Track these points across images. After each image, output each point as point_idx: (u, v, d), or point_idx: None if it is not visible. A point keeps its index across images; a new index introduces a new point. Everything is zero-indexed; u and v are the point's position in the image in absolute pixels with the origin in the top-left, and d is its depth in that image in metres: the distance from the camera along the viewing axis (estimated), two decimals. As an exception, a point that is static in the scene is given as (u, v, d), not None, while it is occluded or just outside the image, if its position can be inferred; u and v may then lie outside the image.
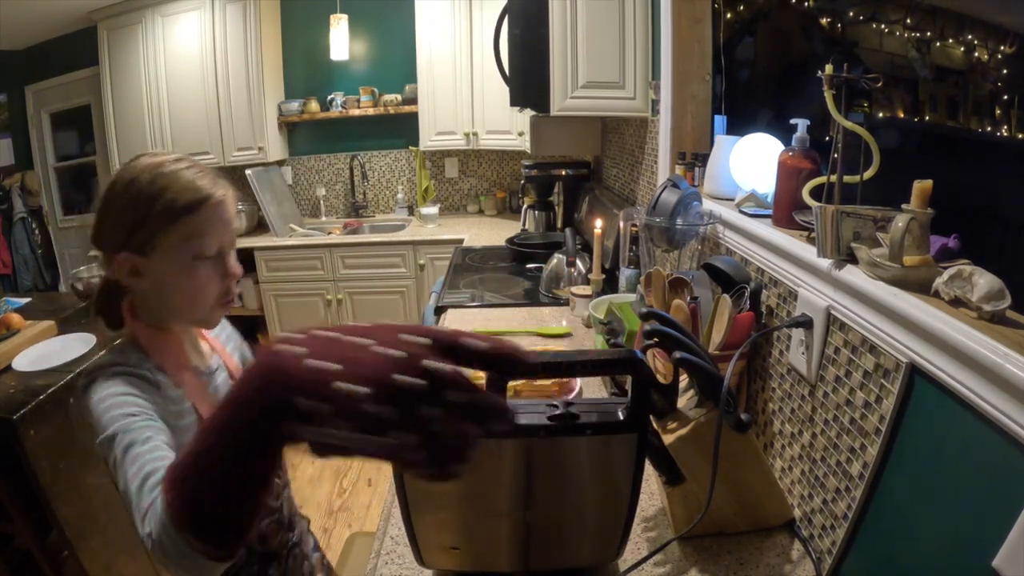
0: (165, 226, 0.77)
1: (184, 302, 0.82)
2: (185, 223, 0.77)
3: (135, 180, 0.77)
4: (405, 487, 0.73)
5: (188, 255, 0.79)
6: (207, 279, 0.81)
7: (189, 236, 0.78)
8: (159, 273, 0.79)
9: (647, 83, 1.91)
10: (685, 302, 1.01)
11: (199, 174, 0.80)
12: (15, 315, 1.73)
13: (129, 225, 0.77)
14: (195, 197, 0.78)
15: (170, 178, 0.78)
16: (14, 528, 1.54)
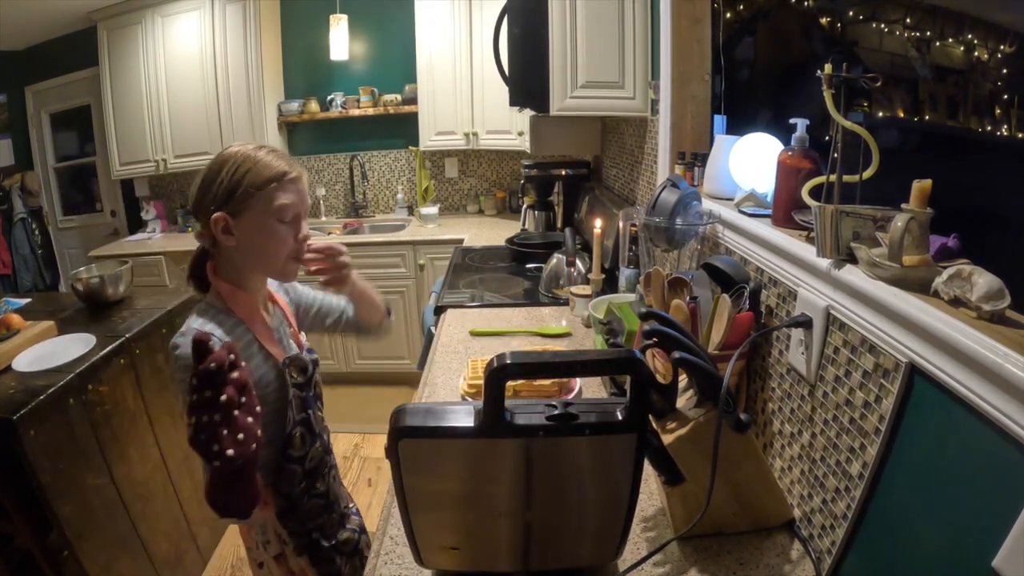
0: (253, 194, 0.95)
1: (263, 257, 1.00)
2: (267, 192, 0.96)
3: (230, 158, 0.97)
4: (404, 487, 0.73)
5: (269, 218, 0.97)
6: (283, 238, 0.99)
7: (270, 202, 0.96)
8: (246, 232, 0.97)
9: (647, 83, 1.91)
10: (684, 302, 1.01)
11: (278, 157, 0.99)
12: (15, 315, 1.73)
13: (225, 193, 0.95)
14: (275, 172, 0.97)
15: (256, 159, 0.97)
16: (14, 528, 1.54)
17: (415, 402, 0.82)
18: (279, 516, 1.08)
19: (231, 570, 2.16)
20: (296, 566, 1.13)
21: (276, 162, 0.98)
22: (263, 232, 0.97)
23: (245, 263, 1.01)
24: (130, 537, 1.75)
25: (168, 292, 2.21)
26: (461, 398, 1.33)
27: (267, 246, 0.98)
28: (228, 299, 1.00)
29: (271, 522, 1.10)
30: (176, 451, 2.02)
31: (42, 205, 4.03)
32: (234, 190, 0.95)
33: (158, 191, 3.96)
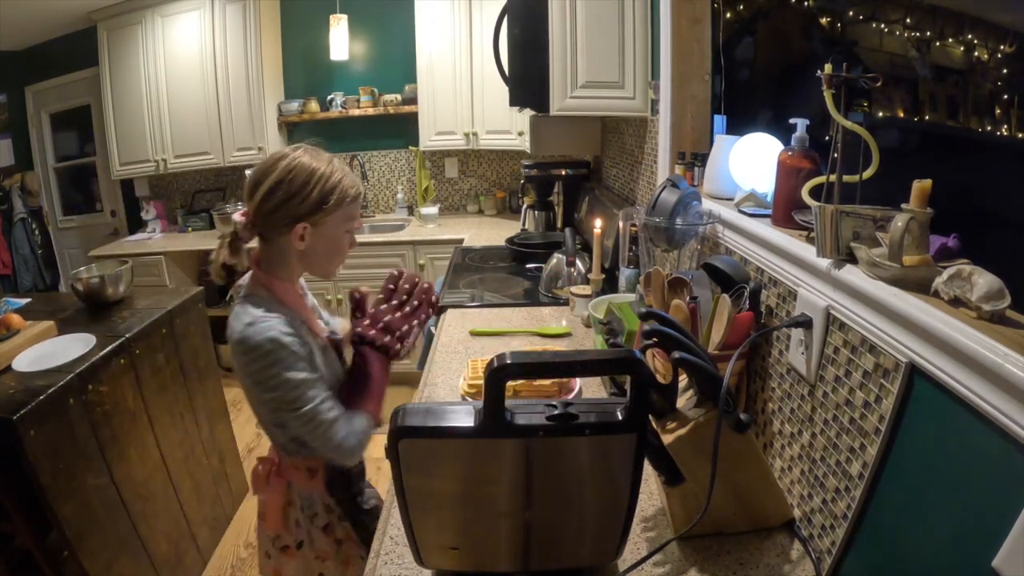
0: (339, 206, 1.04)
1: (327, 260, 1.10)
2: (347, 209, 1.06)
3: (316, 171, 1.02)
4: (404, 487, 0.73)
5: (342, 229, 1.08)
6: (346, 247, 1.11)
7: (347, 217, 1.07)
8: (320, 239, 1.05)
9: (647, 83, 1.91)
10: (684, 302, 1.01)
11: (348, 174, 1.08)
12: (15, 315, 1.73)
13: (318, 200, 1.02)
14: (356, 192, 1.08)
15: (339, 176, 1.05)
16: (14, 528, 1.54)
17: (415, 402, 0.82)
18: (327, 486, 1.17)
19: (231, 570, 2.16)
20: (342, 532, 1.19)
21: (352, 180, 1.08)
22: (335, 241, 1.08)
23: (303, 262, 1.09)
24: (130, 537, 1.75)
25: (168, 292, 2.21)
26: (461, 398, 1.33)
27: (334, 253, 1.10)
28: (278, 291, 1.07)
29: (318, 493, 1.17)
30: (176, 451, 2.02)
31: (42, 205, 4.03)
32: (324, 202, 1.03)
33: (158, 191, 3.96)
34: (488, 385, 0.66)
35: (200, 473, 2.18)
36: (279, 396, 0.99)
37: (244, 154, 3.48)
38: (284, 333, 0.98)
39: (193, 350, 2.16)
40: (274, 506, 1.17)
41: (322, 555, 1.20)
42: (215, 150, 3.51)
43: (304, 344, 1.02)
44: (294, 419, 1.00)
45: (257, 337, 0.97)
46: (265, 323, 0.98)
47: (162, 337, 1.97)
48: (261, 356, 0.97)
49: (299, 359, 0.99)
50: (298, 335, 1.01)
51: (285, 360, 0.98)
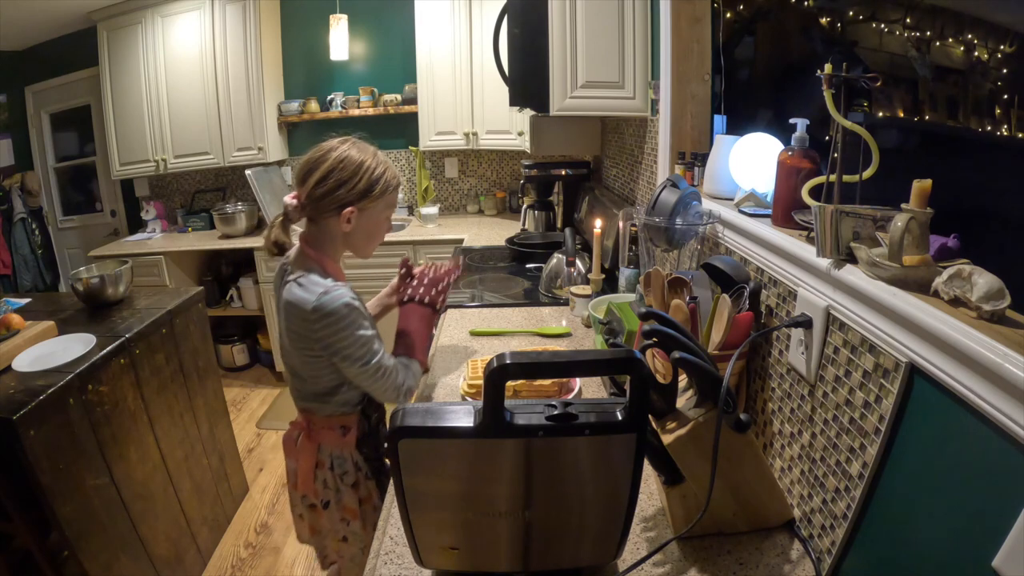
0: (383, 195, 1.18)
1: (367, 243, 1.24)
2: (389, 197, 1.20)
3: (364, 162, 1.15)
4: (404, 487, 0.73)
5: (384, 216, 1.22)
6: (384, 231, 1.25)
7: (388, 205, 1.21)
8: (364, 224, 1.19)
9: (647, 83, 1.91)
10: (684, 302, 1.01)
11: (389, 167, 1.20)
12: (15, 315, 1.73)
13: (364, 188, 1.15)
14: (397, 182, 1.21)
15: (383, 168, 1.18)
16: (14, 528, 1.54)
17: (415, 402, 0.83)
18: (358, 444, 1.27)
19: (231, 570, 2.16)
20: (366, 490, 1.30)
21: (393, 172, 1.21)
22: (377, 225, 1.22)
23: (347, 243, 1.22)
24: (130, 537, 1.75)
25: (168, 292, 2.21)
26: (461, 398, 1.33)
27: (375, 235, 1.23)
28: (329, 268, 1.19)
29: (349, 451, 1.27)
30: (176, 451, 2.03)
31: (42, 205, 4.03)
32: (370, 190, 1.16)
33: (158, 191, 3.96)
34: (488, 385, 0.66)
35: (200, 473, 2.18)
36: (352, 353, 1.13)
37: (244, 154, 3.48)
38: (353, 298, 1.14)
39: (193, 350, 2.16)
40: (306, 467, 1.27)
41: (349, 514, 1.30)
42: (215, 150, 3.51)
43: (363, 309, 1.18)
44: (363, 372, 1.14)
45: (334, 303, 1.10)
46: (338, 291, 1.12)
47: (162, 337, 1.97)
48: (339, 319, 1.10)
49: (365, 318, 1.15)
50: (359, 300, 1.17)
51: (357, 321, 1.13)
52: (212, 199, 3.87)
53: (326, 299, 1.10)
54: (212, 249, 3.46)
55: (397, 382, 1.19)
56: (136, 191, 3.97)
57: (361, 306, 1.16)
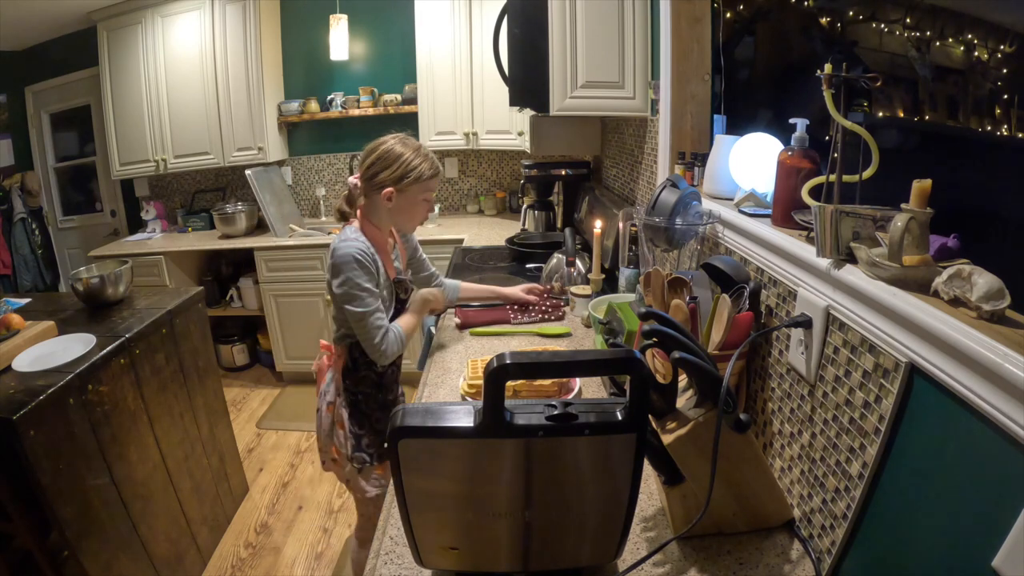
0: (417, 181, 1.42)
1: (406, 220, 1.51)
2: (425, 183, 1.44)
3: (405, 151, 1.42)
4: (404, 487, 0.73)
5: (420, 198, 1.46)
6: (421, 212, 1.50)
7: (424, 189, 1.46)
8: (402, 203, 1.44)
9: (647, 83, 1.91)
10: (684, 302, 1.01)
11: (430, 158, 1.45)
12: (15, 315, 1.73)
13: (400, 175, 1.41)
14: (435, 171, 1.46)
15: (424, 156, 1.44)
16: (14, 528, 1.54)
17: (415, 402, 0.83)
18: (343, 372, 1.51)
19: (231, 570, 2.16)
20: (338, 416, 1.51)
21: (433, 163, 1.45)
22: (413, 206, 1.46)
23: (389, 217, 1.47)
24: (130, 537, 1.75)
25: (168, 292, 2.21)
26: (461, 398, 1.33)
27: (412, 215, 1.49)
28: (366, 232, 1.45)
29: (336, 374, 1.50)
30: (176, 451, 2.03)
31: (42, 205, 4.03)
32: (406, 175, 1.41)
33: (158, 191, 3.96)
34: (488, 385, 0.66)
35: (200, 473, 2.18)
36: (346, 292, 1.36)
37: (244, 154, 3.48)
38: (362, 252, 1.36)
39: (193, 350, 2.16)
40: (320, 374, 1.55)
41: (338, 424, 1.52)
42: (215, 150, 3.51)
43: (375, 267, 1.40)
44: (351, 314, 1.37)
45: (343, 249, 1.36)
46: (351, 243, 1.37)
47: (162, 337, 1.97)
48: (344, 264, 1.36)
49: (368, 273, 1.37)
50: (372, 260, 1.39)
51: (356, 270, 1.35)
52: (212, 199, 3.87)
53: (341, 245, 1.38)
54: (212, 249, 3.46)
55: (374, 339, 1.38)
56: (136, 191, 3.97)
57: (370, 264, 1.37)
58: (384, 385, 1.57)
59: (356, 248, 1.37)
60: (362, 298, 1.36)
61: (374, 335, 1.38)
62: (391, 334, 1.41)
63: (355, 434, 1.52)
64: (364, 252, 1.37)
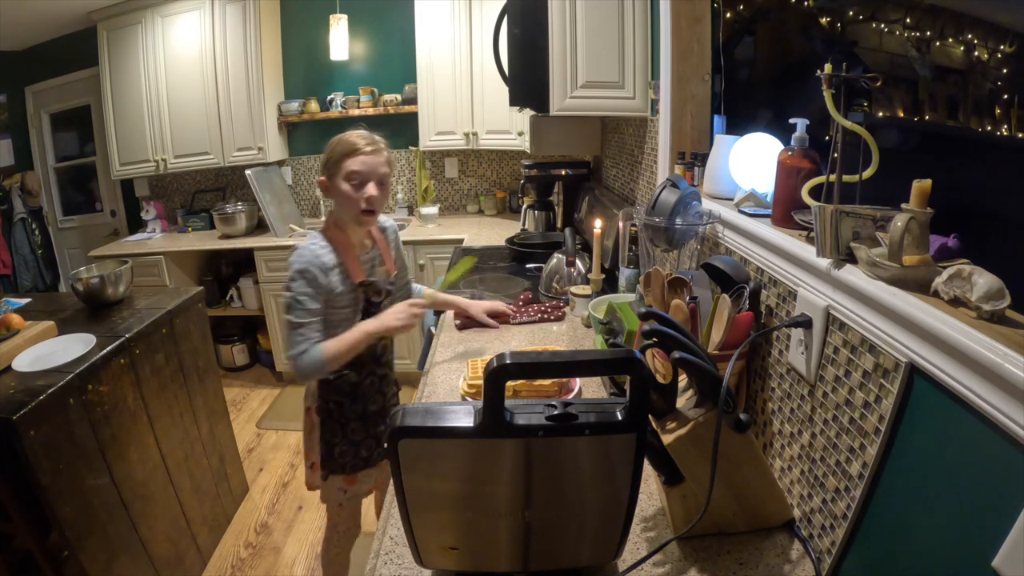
0: (336, 163, 1.36)
1: (344, 210, 1.39)
2: (345, 163, 1.35)
3: (333, 140, 1.38)
4: (404, 487, 0.73)
5: (345, 181, 1.36)
6: (354, 197, 1.36)
7: (347, 169, 1.35)
8: (332, 190, 1.39)
9: (646, 83, 1.91)
10: (684, 302, 1.01)
11: (359, 138, 1.37)
12: (15, 315, 1.73)
13: (326, 158, 1.38)
14: (349, 148, 1.35)
15: (344, 139, 1.37)
16: (14, 528, 1.54)
17: (415, 402, 0.83)
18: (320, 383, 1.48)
19: (231, 570, 2.16)
20: (310, 421, 1.51)
21: (356, 141, 1.36)
22: (341, 192, 1.36)
23: (338, 211, 1.42)
24: (130, 537, 1.75)
25: (168, 292, 2.21)
26: (461, 398, 1.33)
27: (345, 202, 1.37)
28: (329, 235, 1.41)
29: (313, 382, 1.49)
30: (176, 451, 2.03)
31: (42, 205, 4.03)
32: (327, 161, 1.38)
33: (158, 191, 3.96)
34: (488, 385, 0.66)
35: (200, 473, 2.18)
36: (286, 301, 1.34)
37: (244, 154, 3.48)
38: (310, 263, 1.32)
39: (193, 350, 2.16)
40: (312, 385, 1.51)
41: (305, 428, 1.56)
42: (215, 150, 3.51)
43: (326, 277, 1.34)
44: (285, 322, 1.34)
45: (293, 259, 1.34)
46: (303, 252, 1.34)
47: (162, 337, 1.97)
48: (290, 273, 1.34)
49: (313, 286, 1.32)
50: (324, 270, 1.34)
51: (298, 281, 1.32)
52: (212, 199, 3.87)
53: (294, 255, 1.35)
54: (212, 249, 3.46)
55: (293, 351, 1.33)
56: (136, 191, 3.97)
57: (319, 277, 1.33)
58: (361, 395, 1.52)
59: (305, 259, 1.33)
60: (296, 310, 1.32)
61: (293, 349, 1.32)
62: (307, 357, 1.32)
63: (327, 441, 1.49)
64: (313, 263, 1.33)
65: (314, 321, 1.34)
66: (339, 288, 1.38)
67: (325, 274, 1.34)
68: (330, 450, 1.50)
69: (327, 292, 1.35)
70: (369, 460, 1.56)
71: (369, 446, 1.55)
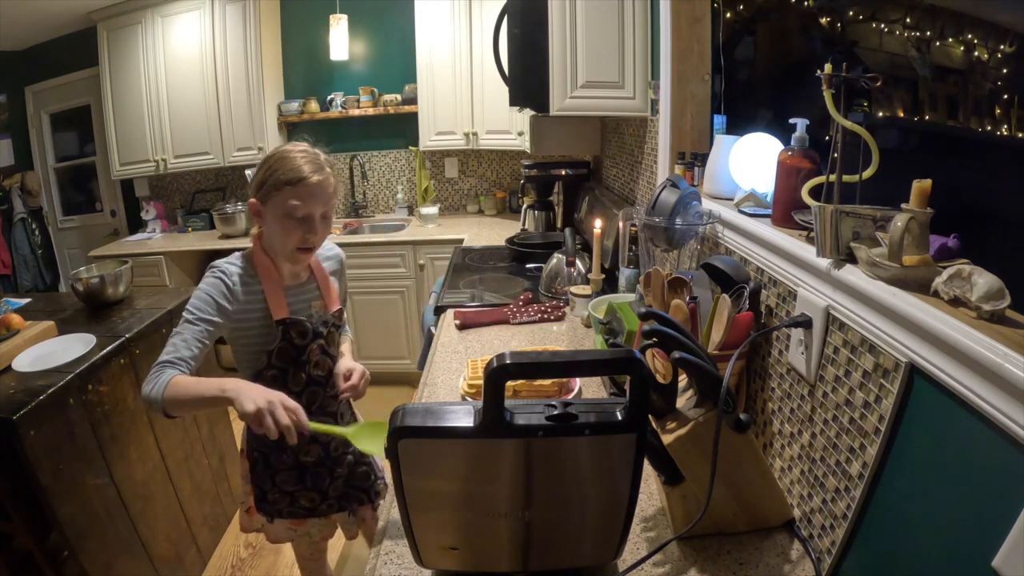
0: (274, 190, 1.13)
1: (277, 242, 1.18)
2: (285, 191, 1.12)
3: (273, 154, 1.16)
4: (404, 487, 0.73)
5: (282, 213, 1.14)
6: (291, 231, 1.15)
7: (286, 200, 1.13)
8: (268, 219, 1.16)
9: (646, 83, 1.91)
10: (684, 302, 1.01)
11: (305, 161, 1.14)
12: (15, 315, 1.73)
13: (258, 183, 1.15)
14: (292, 176, 1.12)
15: (287, 160, 1.13)
16: (14, 528, 1.54)
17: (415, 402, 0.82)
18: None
19: (231, 570, 2.16)
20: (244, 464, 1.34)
21: (302, 166, 1.13)
22: (276, 223, 1.15)
23: (268, 239, 1.20)
24: (130, 537, 1.75)
25: (168, 292, 2.21)
26: (461, 398, 1.33)
27: (278, 235, 1.16)
28: (252, 258, 1.21)
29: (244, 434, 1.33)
30: (176, 451, 2.02)
31: (42, 205, 4.03)
32: (263, 183, 1.14)
33: (158, 191, 3.96)
34: (488, 385, 0.66)
35: (200, 473, 2.18)
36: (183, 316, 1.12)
37: (244, 154, 3.48)
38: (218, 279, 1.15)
39: (193, 350, 2.16)
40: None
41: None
42: (215, 150, 3.51)
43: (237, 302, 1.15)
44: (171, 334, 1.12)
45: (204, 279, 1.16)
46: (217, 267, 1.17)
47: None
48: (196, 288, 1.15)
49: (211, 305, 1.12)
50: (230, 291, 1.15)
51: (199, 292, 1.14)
52: (212, 199, 3.87)
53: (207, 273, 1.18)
54: (212, 249, 3.46)
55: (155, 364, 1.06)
56: (136, 191, 3.96)
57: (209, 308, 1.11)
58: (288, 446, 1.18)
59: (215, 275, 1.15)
60: (182, 321, 1.11)
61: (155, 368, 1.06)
62: (155, 383, 1.03)
63: (259, 487, 1.31)
64: (222, 280, 1.14)
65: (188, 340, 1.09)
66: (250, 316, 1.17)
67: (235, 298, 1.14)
68: (263, 494, 1.32)
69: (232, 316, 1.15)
70: (314, 511, 1.35)
71: (311, 498, 1.33)
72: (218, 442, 2.33)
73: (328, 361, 1.29)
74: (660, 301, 1.12)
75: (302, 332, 1.21)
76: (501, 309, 1.84)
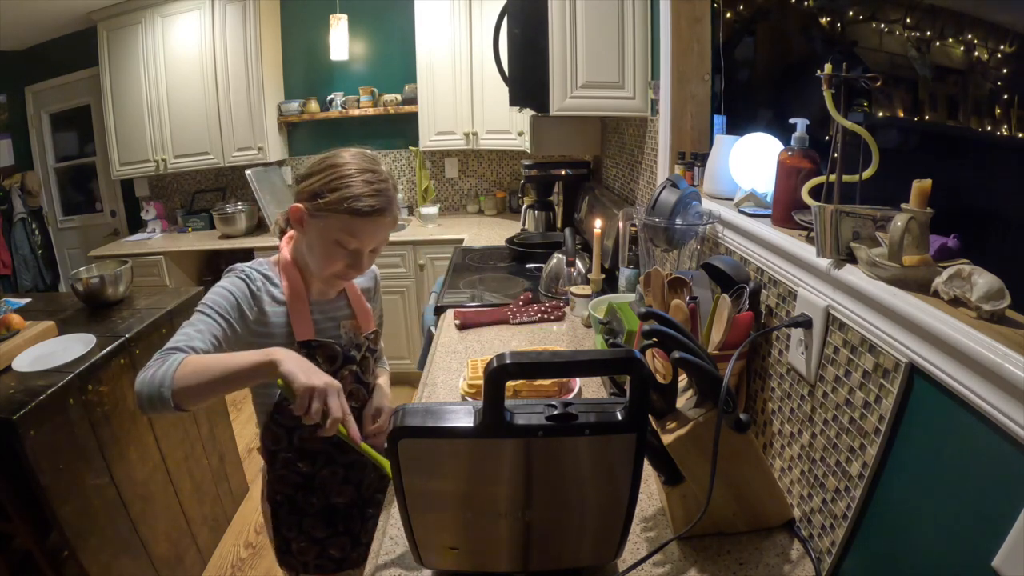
0: (332, 209, 0.97)
1: (313, 262, 1.04)
2: (342, 219, 0.98)
3: (336, 165, 1.00)
4: (404, 487, 0.73)
5: (331, 238, 0.99)
6: (334, 260, 1.01)
7: (341, 228, 0.98)
8: (311, 233, 1.01)
9: (646, 83, 1.91)
10: (684, 302, 1.01)
11: (374, 191, 0.98)
12: (15, 315, 1.73)
13: (316, 190, 0.98)
14: (362, 206, 0.97)
15: (359, 180, 0.98)
16: (14, 528, 1.54)
17: (415, 402, 0.83)
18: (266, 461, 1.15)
19: (231, 570, 2.16)
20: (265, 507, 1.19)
21: (369, 197, 0.97)
22: (322, 245, 1.01)
23: (303, 253, 1.06)
24: (130, 537, 1.75)
25: (168, 292, 2.21)
26: (461, 398, 1.33)
27: (320, 256, 1.02)
28: (282, 269, 1.07)
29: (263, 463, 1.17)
30: (176, 451, 2.02)
31: (42, 205, 4.02)
32: (319, 195, 0.98)
33: (158, 191, 3.96)
34: (488, 385, 0.66)
35: (200, 473, 2.18)
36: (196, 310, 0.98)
37: (244, 154, 3.48)
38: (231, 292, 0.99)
39: (193, 350, 2.16)
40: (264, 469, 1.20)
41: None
42: (215, 150, 3.51)
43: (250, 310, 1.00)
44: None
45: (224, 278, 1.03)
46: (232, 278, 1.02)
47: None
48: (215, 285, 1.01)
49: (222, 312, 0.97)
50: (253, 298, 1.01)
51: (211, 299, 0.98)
52: (212, 199, 3.87)
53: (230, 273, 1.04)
54: (212, 249, 3.46)
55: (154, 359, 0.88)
56: (136, 191, 3.96)
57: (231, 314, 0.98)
58: (318, 487, 1.14)
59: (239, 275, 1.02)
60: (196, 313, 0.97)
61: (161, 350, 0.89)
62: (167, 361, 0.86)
63: (282, 536, 1.17)
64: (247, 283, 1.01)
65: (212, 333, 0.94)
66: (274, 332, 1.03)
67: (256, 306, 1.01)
68: (287, 544, 1.17)
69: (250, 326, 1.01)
70: (344, 562, 1.19)
71: (342, 546, 1.18)
72: (218, 442, 2.33)
73: (363, 391, 1.14)
74: (660, 301, 1.12)
75: (331, 356, 1.07)
76: (501, 309, 1.83)
